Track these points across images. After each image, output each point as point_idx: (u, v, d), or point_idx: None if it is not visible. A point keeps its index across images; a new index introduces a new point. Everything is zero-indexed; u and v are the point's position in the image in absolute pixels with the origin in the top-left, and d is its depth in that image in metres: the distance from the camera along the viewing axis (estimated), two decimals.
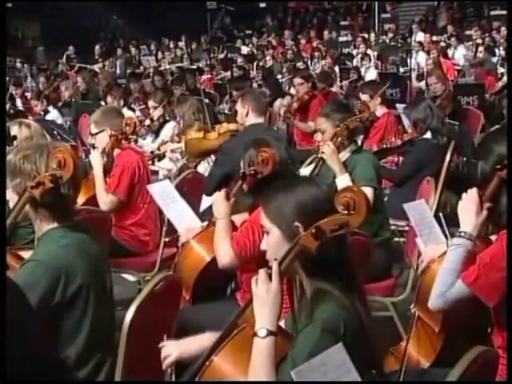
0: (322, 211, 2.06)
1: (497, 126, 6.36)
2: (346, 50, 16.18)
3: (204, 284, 3.59)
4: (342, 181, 4.04)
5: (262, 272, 2.07)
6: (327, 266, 2.07)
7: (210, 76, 13.07)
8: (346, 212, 2.02)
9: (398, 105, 7.20)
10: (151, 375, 2.62)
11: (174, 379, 2.56)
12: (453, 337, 2.81)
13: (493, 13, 19.01)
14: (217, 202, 3.47)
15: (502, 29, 15.84)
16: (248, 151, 3.41)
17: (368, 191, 3.99)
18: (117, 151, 4.68)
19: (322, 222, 2.02)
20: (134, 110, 8.34)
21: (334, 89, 10.48)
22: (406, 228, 4.58)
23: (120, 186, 4.57)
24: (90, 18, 24.24)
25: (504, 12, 18.56)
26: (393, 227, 4.70)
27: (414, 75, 11.60)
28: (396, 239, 4.76)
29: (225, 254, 3.28)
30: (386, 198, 5.21)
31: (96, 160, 4.60)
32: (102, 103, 9.04)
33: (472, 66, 10.89)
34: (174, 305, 2.83)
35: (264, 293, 2.05)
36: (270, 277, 2.06)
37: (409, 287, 3.99)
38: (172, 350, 2.46)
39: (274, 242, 2.16)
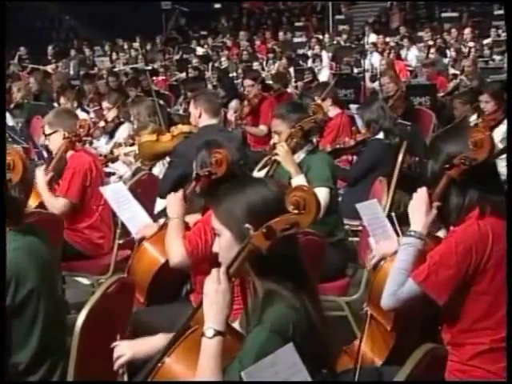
0: (272, 212, 2.06)
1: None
2: (300, 51, 16.25)
3: (159, 286, 3.58)
4: (298, 182, 4.06)
5: (213, 272, 2.07)
6: (278, 267, 2.08)
7: (164, 77, 13.01)
8: (296, 211, 2.03)
9: (351, 105, 7.26)
10: (104, 378, 2.60)
11: (126, 379, 2.54)
12: (405, 335, 2.84)
13: (444, 15, 19.33)
14: (171, 202, 3.46)
15: (453, 30, 16.13)
16: (201, 153, 3.41)
17: (324, 191, 4.02)
18: (70, 153, 4.64)
19: (272, 222, 2.02)
20: (87, 112, 8.25)
21: (289, 89, 10.54)
22: (360, 228, 4.61)
23: (71, 189, 4.53)
24: (42, 18, 23.91)
25: (455, 14, 18.90)
26: (347, 227, 4.73)
27: (367, 76, 11.71)
28: (350, 239, 4.80)
29: (176, 253, 3.27)
30: (339, 198, 5.26)
31: (40, 178, 4.54)
32: (55, 104, 8.92)
33: (424, 66, 11.04)
34: (126, 307, 2.82)
35: (212, 293, 2.05)
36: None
37: (363, 286, 4.02)
38: (124, 350, 2.44)
39: (225, 244, 2.16)
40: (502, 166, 4.61)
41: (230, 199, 2.16)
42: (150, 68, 14.38)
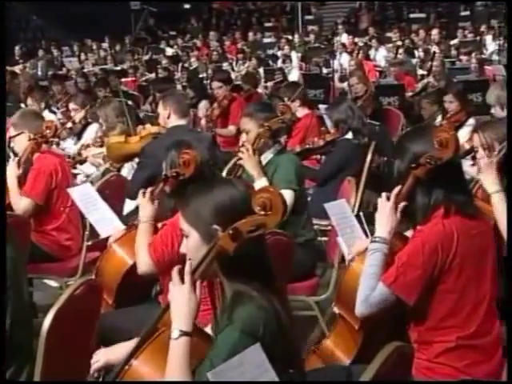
0: (239, 212, 2.06)
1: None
2: (270, 52, 16.28)
3: (128, 287, 3.56)
4: (260, 185, 4.07)
5: (173, 272, 2.07)
6: (245, 267, 2.08)
7: (134, 78, 12.95)
8: (262, 213, 2.03)
9: (320, 105, 7.28)
10: (71, 380, 2.59)
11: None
12: (373, 333, 2.86)
13: (412, 15, 19.51)
14: (141, 204, 3.45)
15: (421, 31, 16.28)
16: (169, 153, 3.40)
17: (287, 193, 4.03)
18: (36, 155, 4.60)
19: (239, 223, 2.03)
20: (55, 113, 8.18)
21: (259, 90, 10.55)
22: (329, 227, 4.63)
23: (35, 189, 4.49)
24: (9, 18, 23.63)
25: (423, 15, 19.08)
26: (316, 227, 4.75)
27: (336, 76, 11.77)
28: (319, 239, 4.82)
29: (143, 263, 3.27)
30: (309, 198, 5.27)
31: (11, 170, 4.50)
32: (23, 105, 8.83)
33: (391, 66, 11.13)
34: (94, 309, 2.81)
35: (177, 293, 2.05)
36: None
37: (332, 286, 4.04)
38: (99, 356, 2.46)
39: (193, 245, 2.16)
40: (466, 164, 4.68)
41: (197, 200, 2.16)
42: (119, 68, 14.33)
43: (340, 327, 3.02)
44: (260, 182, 4.07)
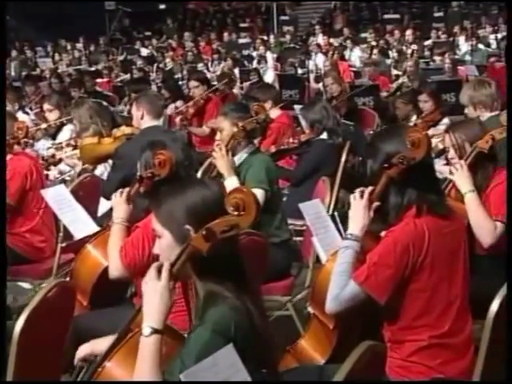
0: (212, 213, 2.06)
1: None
2: (245, 52, 16.29)
3: (102, 289, 3.55)
4: (229, 183, 4.08)
5: (151, 269, 2.06)
6: (219, 268, 2.08)
7: (108, 78, 12.89)
8: (236, 213, 2.03)
9: (295, 106, 7.30)
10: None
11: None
12: (347, 333, 2.88)
13: (386, 16, 19.64)
14: (115, 204, 3.43)
15: (395, 32, 16.40)
16: (144, 154, 3.38)
17: (258, 193, 4.04)
18: (9, 156, 4.56)
19: (212, 224, 2.02)
20: (28, 114, 8.12)
21: (235, 90, 10.56)
22: (304, 227, 4.64)
23: (9, 192, 4.45)
24: None
25: (397, 16, 19.22)
26: (291, 227, 4.76)
27: (312, 77, 11.81)
28: (295, 239, 4.83)
29: (114, 268, 3.26)
30: (284, 198, 5.28)
31: None
32: None
33: (366, 66, 11.19)
34: (67, 311, 2.79)
35: (150, 291, 2.04)
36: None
37: (307, 286, 4.05)
38: (83, 348, 2.49)
39: (166, 246, 2.16)
40: (440, 164, 4.72)
41: (170, 201, 2.15)
42: (93, 69, 14.25)
43: (314, 327, 3.03)
44: (229, 181, 4.09)
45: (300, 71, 12.78)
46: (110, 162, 5.41)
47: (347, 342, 2.79)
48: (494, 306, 2.52)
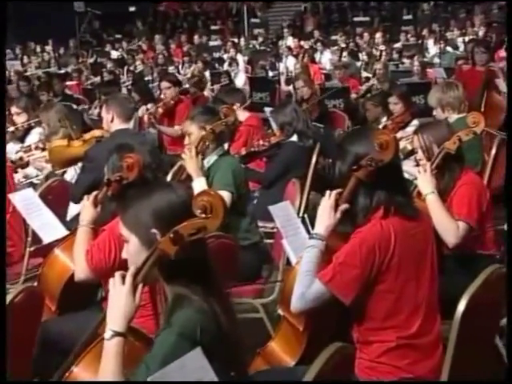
0: (179, 216, 2.06)
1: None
2: (216, 55, 16.29)
3: (71, 293, 3.52)
4: (197, 184, 4.08)
5: (116, 274, 2.06)
6: (186, 271, 2.08)
7: (78, 81, 12.81)
8: (203, 216, 2.03)
9: (266, 108, 7.31)
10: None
11: None
12: (317, 335, 2.88)
13: (356, 19, 19.77)
14: (82, 207, 3.41)
15: (365, 34, 16.51)
16: (112, 157, 3.37)
17: (224, 195, 4.05)
18: None
19: (179, 227, 2.02)
20: None
21: (205, 93, 10.54)
22: (275, 230, 4.65)
23: None
24: None
25: (367, 18, 19.37)
26: (262, 229, 4.76)
27: (282, 79, 11.83)
28: (265, 241, 4.83)
29: (80, 270, 3.24)
30: (255, 201, 5.29)
31: None
32: None
33: (336, 68, 11.25)
34: (35, 317, 2.76)
35: (115, 295, 2.04)
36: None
37: (277, 288, 4.05)
38: None
39: (133, 250, 2.15)
40: (410, 165, 4.76)
41: (136, 205, 2.15)
42: (63, 72, 14.14)
43: (284, 329, 3.03)
44: (197, 183, 4.09)
45: (271, 74, 12.81)
46: (80, 165, 5.38)
47: (317, 343, 2.79)
48: (461, 305, 2.54)
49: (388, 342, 2.61)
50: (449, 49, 13.93)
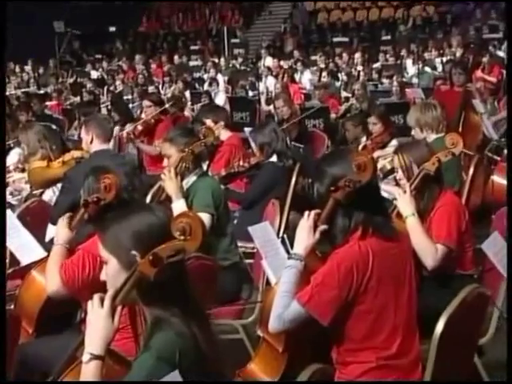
0: (158, 238, 2.05)
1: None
2: (196, 75, 16.32)
3: (48, 316, 3.49)
4: (177, 206, 4.09)
5: (94, 297, 2.05)
6: (165, 293, 2.07)
7: (58, 101, 12.77)
8: (182, 238, 2.03)
9: (246, 128, 7.33)
10: None
11: None
12: (296, 356, 2.87)
13: (335, 39, 19.91)
14: (57, 227, 3.40)
15: (344, 55, 16.63)
16: (88, 179, 3.37)
17: (204, 217, 4.06)
18: None
19: (158, 249, 2.02)
20: None
21: (186, 113, 10.55)
22: (255, 250, 4.65)
23: None
24: None
25: (346, 39, 19.53)
26: (242, 249, 4.75)
27: (263, 99, 11.88)
28: (246, 261, 4.83)
29: (52, 282, 3.23)
30: (235, 221, 5.28)
31: None
32: None
33: (316, 89, 11.32)
34: (11, 339, 2.73)
35: (93, 317, 2.04)
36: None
37: (257, 309, 4.04)
38: None
39: (112, 272, 2.14)
40: (389, 184, 4.79)
41: (115, 226, 2.14)
42: (42, 92, 14.10)
43: (264, 350, 3.02)
44: (176, 204, 4.09)
45: (251, 93, 12.86)
46: (59, 185, 5.36)
47: (297, 364, 2.79)
48: (439, 326, 2.55)
49: (367, 363, 2.61)
50: (427, 69, 14.06)
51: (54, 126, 8.30)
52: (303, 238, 2.72)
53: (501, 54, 14.52)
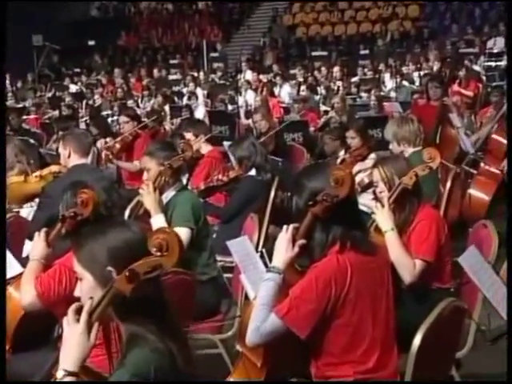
0: (135, 254, 2.04)
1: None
2: (176, 88, 16.31)
3: (26, 332, 3.45)
4: (156, 221, 4.08)
5: (70, 313, 2.03)
6: (141, 310, 2.06)
7: (36, 115, 12.71)
8: (159, 254, 2.02)
9: (224, 142, 7.34)
10: None
11: None
12: (275, 371, 2.86)
13: (314, 53, 20.03)
14: (33, 242, 3.38)
15: (323, 69, 16.72)
16: (66, 194, 3.35)
17: (184, 231, 4.07)
18: None
19: (135, 265, 2.01)
20: None
21: (166, 127, 10.54)
22: (234, 264, 4.64)
23: None
24: None
25: (325, 53, 19.65)
26: (221, 263, 4.75)
27: (242, 113, 11.90)
28: (225, 275, 4.82)
29: (27, 295, 3.21)
30: (214, 235, 5.27)
31: None
32: None
33: (295, 102, 11.35)
34: None
35: (68, 333, 2.01)
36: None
37: (236, 324, 4.03)
38: None
39: (87, 288, 2.13)
40: (367, 198, 4.81)
41: (91, 242, 2.13)
42: (20, 106, 14.03)
43: (243, 365, 3.00)
44: (156, 219, 4.08)
45: (230, 107, 12.87)
46: (37, 200, 5.32)
47: (276, 379, 2.78)
48: (417, 339, 2.56)
49: (345, 377, 2.62)
50: (405, 83, 14.17)
51: (31, 141, 8.28)
52: (282, 252, 2.72)
53: (477, 68, 14.71)
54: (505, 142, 6.34)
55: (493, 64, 15.53)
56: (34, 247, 3.36)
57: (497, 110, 8.00)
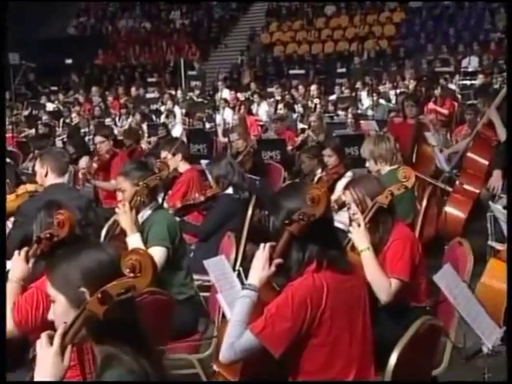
0: (108, 275, 2.03)
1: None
2: (153, 107, 16.31)
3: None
4: (132, 240, 4.07)
5: (43, 335, 2.01)
6: (115, 331, 2.04)
7: (12, 134, 12.64)
8: (132, 275, 2.01)
9: (202, 161, 7.34)
10: None
11: None
12: None
13: (292, 71, 20.15)
14: (12, 263, 3.35)
15: (300, 87, 16.81)
16: (40, 214, 3.33)
17: (160, 250, 4.07)
18: None
19: (108, 287, 1.99)
20: None
21: (143, 145, 10.52)
22: (212, 283, 4.62)
23: None
24: None
25: (302, 71, 19.77)
26: (199, 282, 4.73)
27: (220, 131, 11.92)
28: (202, 294, 4.80)
29: (6, 321, 3.16)
30: (191, 254, 5.26)
31: None
32: None
33: (273, 122, 11.40)
34: None
35: (42, 356, 2.00)
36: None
37: (213, 343, 4.01)
38: None
39: (60, 311, 2.11)
40: (345, 216, 4.82)
41: (64, 264, 2.11)
42: None
43: None
44: (132, 238, 4.07)
45: (208, 125, 12.89)
46: (12, 219, 5.28)
47: None
48: (393, 358, 2.56)
49: None
50: (382, 101, 14.28)
51: (7, 159, 8.22)
52: (258, 270, 2.73)
53: (452, 86, 14.87)
54: (480, 159, 6.40)
55: (468, 82, 15.72)
56: (14, 267, 3.32)
57: (471, 127, 8.09)
